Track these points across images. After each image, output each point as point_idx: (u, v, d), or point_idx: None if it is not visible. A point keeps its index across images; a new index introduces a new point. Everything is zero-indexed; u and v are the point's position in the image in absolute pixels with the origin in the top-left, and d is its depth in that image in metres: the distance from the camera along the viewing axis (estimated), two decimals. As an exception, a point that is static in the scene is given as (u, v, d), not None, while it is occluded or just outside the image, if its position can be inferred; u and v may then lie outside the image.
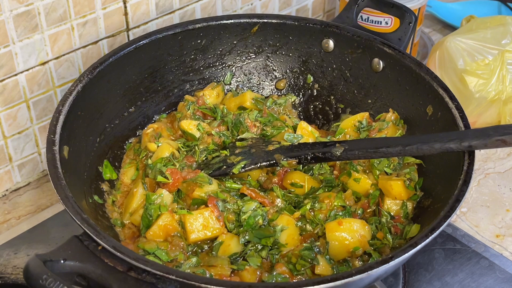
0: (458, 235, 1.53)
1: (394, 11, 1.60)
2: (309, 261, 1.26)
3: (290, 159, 1.40)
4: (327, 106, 1.65)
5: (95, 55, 1.59)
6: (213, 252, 1.28)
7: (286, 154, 1.41)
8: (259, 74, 1.68)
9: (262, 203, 1.36)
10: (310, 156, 1.39)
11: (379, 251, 1.29)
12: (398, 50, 1.50)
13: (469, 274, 1.44)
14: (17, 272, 1.40)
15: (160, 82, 1.58)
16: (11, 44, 1.43)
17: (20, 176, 1.62)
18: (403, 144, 1.30)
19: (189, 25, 1.57)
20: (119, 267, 1.06)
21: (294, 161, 1.40)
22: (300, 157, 1.39)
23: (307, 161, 1.40)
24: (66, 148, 1.27)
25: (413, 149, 1.29)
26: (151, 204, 1.32)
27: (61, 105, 1.31)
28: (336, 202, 1.36)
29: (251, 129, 1.54)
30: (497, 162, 1.74)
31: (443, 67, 1.77)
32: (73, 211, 1.12)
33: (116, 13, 1.58)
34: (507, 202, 1.63)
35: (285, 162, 1.40)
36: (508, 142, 1.20)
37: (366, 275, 1.05)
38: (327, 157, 1.38)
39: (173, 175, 1.37)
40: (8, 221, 1.56)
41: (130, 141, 1.54)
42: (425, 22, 2.26)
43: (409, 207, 1.36)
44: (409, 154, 1.37)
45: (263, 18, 1.61)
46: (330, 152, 1.37)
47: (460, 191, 1.20)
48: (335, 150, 1.36)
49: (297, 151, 1.41)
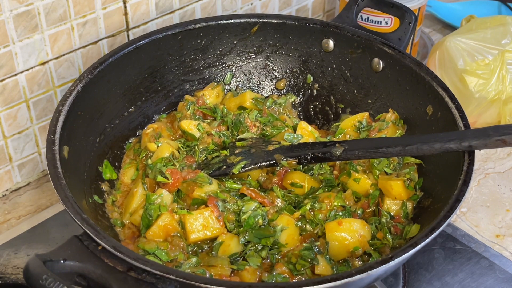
0: (458, 235, 1.53)
1: (394, 11, 1.60)
2: (309, 261, 1.26)
3: (290, 159, 1.40)
4: (327, 106, 1.65)
5: (95, 55, 1.59)
6: (213, 252, 1.28)
7: (286, 154, 1.41)
8: (259, 74, 1.68)
9: (262, 203, 1.36)
10: (310, 156, 1.39)
11: (379, 251, 1.29)
12: (398, 50, 1.50)
13: (469, 274, 1.44)
14: (17, 272, 1.40)
15: (160, 82, 1.58)
16: (11, 44, 1.43)
17: (20, 176, 1.62)
18: (403, 144, 1.30)
19: (189, 25, 1.57)
20: (119, 267, 1.06)
21: (294, 161, 1.40)
22: (300, 157, 1.40)
23: (307, 161, 1.40)
24: (66, 148, 1.27)
25: (413, 149, 1.29)
26: (151, 204, 1.32)
27: (61, 105, 1.31)
28: (336, 202, 1.36)
29: (251, 129, 1.54)
30: (497, 162, 1.74)
31: (443, 67, 1.77)
32: (73, 211, 1.12)
33: (116, 13, 1.58)
34: (507, 202, 1.63)
35: (285, 162, 1.40)
36: (508, 142, 1.20)
37: (366, 275, 1.05)
38: (327, 157, 1.38)
39: (173, 175, 1.37)
40: (8, 221, 1.56)
41: (130, 141, 1.54)
42: (425, 22, 2.26)
43: (409, 207, 1.36)
44: (409, 154, 1.37)
45: (263, 18, 1.61)
46: (330, 152, 1.37)
47: (460, 191, 1.20)
48: (335, 150, 1.36)
49: (297, 151, 1.41)
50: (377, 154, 1.33)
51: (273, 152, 1.42)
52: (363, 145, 1.35)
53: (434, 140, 1.26)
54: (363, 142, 1.40)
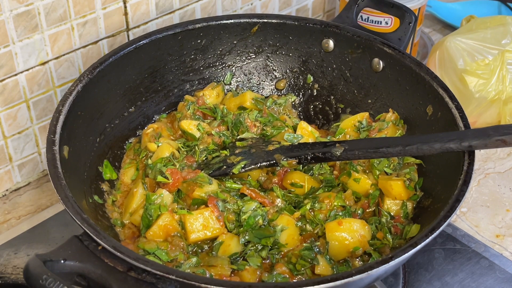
0: (458, 235, 1.53)
1: (394, 11, 1.60)
2: (309, 261, 1.25)
3: (290, 159, 1.40)
4: (327, 106, 1.65)
5: (95, 55, 1.59)
6: (213, 252, 1.28)
7: (286, 154, 1.41)
8: (259, 74, 1.68)
9: (262, 203, 1.36)
10: (310, 156, 1.39)
11: (379, 251, 1.29)
12: (398, 50, 1.50)
13: (469, 274, 1.44)
14: (17, 272, 1.40)
15: (160, 82, 1.58)
16: (11, 44, 1.43)
17: (20, 176, 1.62)
18: (403, 144, 1.30)
19: (189, 25, 1.57)
20: (119, 267, 1.06)
21: (294, 161, 1.40)
22: (300, 157, 1.40)
23: (307, 161, 1.40)
24: (66, 148, 1.27)
25: (413, 149, 1.29)
26: (151, 204, 1.32)
27: (61, 105, 1.31)
28: (336, 202, 1.36)
29: (251, 129, 1.54)
30: (497, 162, 1.74)
31: (443, 67, 1.77)
32: (73, 211, 1.12)
33: (116, 13, 1.58)
34: (507, 202, 1.63)
35: (285, 162, 1.40)
36: (508, 142, 1.20)
37: (366, 275, 1.05)
38: (327, 157, 1.38)
39: (173, 175, 1.37)
40: (8, 221, 1.56)
41: (130, 141, 1.54)
42: (425, 22, 2.26)
43: (409, 207, 1.36)
44: (409, 154, 1.37)
45: (263, 18, 1.61)
46: (330, 152, 1.37)
47: (460, 191, 1.19)
48: (335, 150, 1.36)
49: (297, 151, 1.41)
50: (377, 154, 1.33)
51: (273, 152, 1.42)
52: (363, 145, 1.35)
53: (434, 140, 1.26)
54: (363, 142, 1.40)
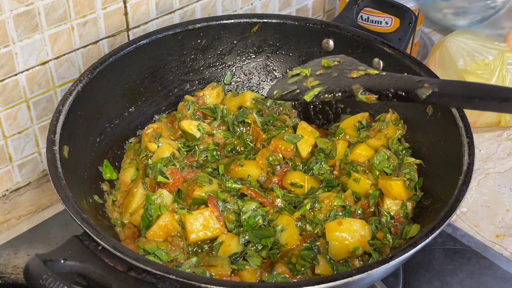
0: (458, 235, 1.53)
1: (394, 11, 1.60)
2: (309, 261, 1.26)
3: (369, 93, 1.19)
4: (327, 106, 1.64)
5: (95, 55, 1.59)
6: (213, 252, 1.29)
7: (368, 85, 1.21)
8: (259, 74, 1.68)
9: (262, 203, 1.36)
10: (392, 93, 1.18)
11: (379, 251, 1.29)
12: (398, 50, 1.50)
13: (469, 274, 1.44)
14: (17, 272, 1.40)
15: (160, 82, 1.58)
16: (11, 44, 1.43)
17: (20, 176, 1.62)
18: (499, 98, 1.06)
19: (189, 25, 1.57)
20: (119, 267, 1.06)
21: (374, 97, 1.19)
22: (381, 92, 1.19)
23: (388, 99, 1.19)
24: (66, 148, 1.28)
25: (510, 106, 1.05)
26: (151, 204, 1.32)
27: (61, 105, 1.31)
28: (336, 202, 1.36)
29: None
30: (497, 162, 1.74)
31: (443, 67, 1.77)
32: (73, 211, 1.12)
33: (116, 13, 1.58)
34: (507, 202, 1.63)
35: (363, 96, 1.19)
36: None
37: (366, 275, 1.05)
38: (411, 98, 1.16)
39: (173, 175, 1.37)
40: (8, 221, 1.56)
41: (130, 141, 1.54)
42: (425, 22, 2.26)
43: (409, 207, 1.36)
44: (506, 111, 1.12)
45: (263, 18, 1.61)
46: (415, 93, 1.14)
47: (460, 191, 1.20)
48: (421, 91, 1.13)
49: (380, 83, 1.20)
50: (470, 104, 1.11)
51: (355, 80, 1.23)
52: (455, 90, 1.13)
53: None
54: (456, 85, 1.16)
